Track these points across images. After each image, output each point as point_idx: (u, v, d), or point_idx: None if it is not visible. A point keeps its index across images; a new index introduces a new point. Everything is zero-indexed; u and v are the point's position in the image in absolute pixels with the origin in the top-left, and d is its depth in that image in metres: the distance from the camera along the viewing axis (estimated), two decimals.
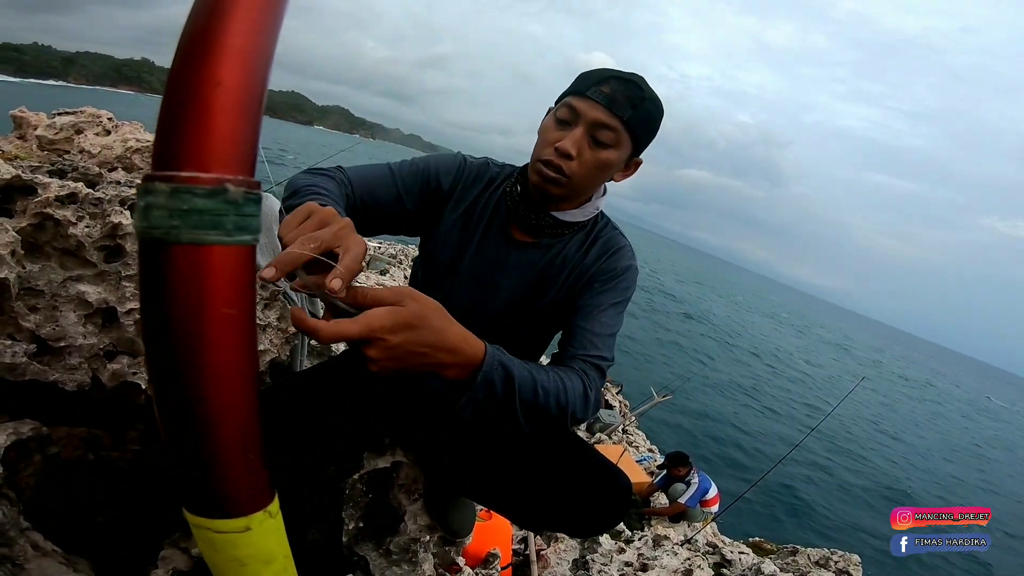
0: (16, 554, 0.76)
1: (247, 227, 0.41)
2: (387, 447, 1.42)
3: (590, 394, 0.98)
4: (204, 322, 0.41)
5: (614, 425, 7.72)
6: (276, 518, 0.51)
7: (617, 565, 2.51)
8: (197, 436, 0.43)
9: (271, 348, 1.54)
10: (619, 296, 1.11)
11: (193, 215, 0.38)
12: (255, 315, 0.44)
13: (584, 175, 1.03)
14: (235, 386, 0.44)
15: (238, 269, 0.42)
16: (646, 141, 1.09)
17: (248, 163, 0.42)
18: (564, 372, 0.97)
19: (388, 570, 1.40)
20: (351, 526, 1.41)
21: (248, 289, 0.44)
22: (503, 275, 1.15)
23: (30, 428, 0.91)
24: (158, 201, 0.38)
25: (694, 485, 5.59)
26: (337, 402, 1.12)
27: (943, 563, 9.99)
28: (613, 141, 1.01)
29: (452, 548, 1.57)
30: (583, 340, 1.05)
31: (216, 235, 0.39)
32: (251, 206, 0.41)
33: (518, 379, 0.85)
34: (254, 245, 0.43)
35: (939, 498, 14.84)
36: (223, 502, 0.47)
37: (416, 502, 1.47)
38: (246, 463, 0.46)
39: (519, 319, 1.17)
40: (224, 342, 0.42)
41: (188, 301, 0.40)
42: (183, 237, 0.38)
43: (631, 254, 1.17)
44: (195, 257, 0.39)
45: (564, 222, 1.12)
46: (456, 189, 1.18)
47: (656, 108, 1.04)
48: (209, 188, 0.38)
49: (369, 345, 0.65)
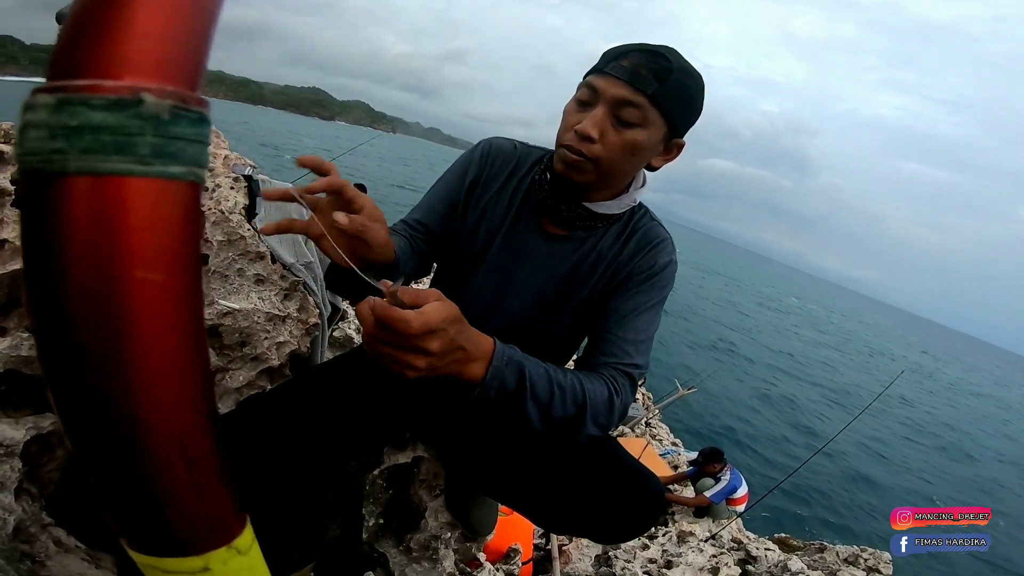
0: (37, 551, 0.76)
1: (179, 154, 0.30)
2: (408, 442, 1.41)
3: (616, 401, 0.93)
4: (108, 293, 0.29)
5: (637, 418, 7.66)
6: (248, 554, 0.41)
7: (641, 562, 2.48)
8: (115, 456, 0.32)
9: (291, 340, 1.53)
10: (656, 296, 1.04)
11: (86, 134, 0.27)
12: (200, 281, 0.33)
13: (610, 159, 0.94)
14: (165, 380, 0.32)
15: (162, 212, 0.30)
16: (684, 118, 0.97)
17: (186, 71, 0.30)
18: (586, 376, 0.93)
19: (408, 567, 1.39)
20: (371, 522, 1.40)
21: (185, 243, 0.32)
22: (531, 269, 1.08)
23: (51, 422, 0.91)
24: (37, 118, 0.28)
25: (723, 481, 5.49)
26: (358, 396, 1.09)
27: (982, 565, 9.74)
28: (639, 119, 0.91)
29: (473, 544, 1.55)
30: (614, 347, 0.99)
31: (122, 162, 0.28)
32: (187, 126, 0.30)
33: (531, 375, 0.82)
34: (195, 183, 0.32)
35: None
36: (169, 538, 0.36)
37: (437, 498, 1.46)
38: (194, 488, 0.35)
39: (546, 318, 1.10)
40: (142, 321, 0.30)
41: (81, 260, 0.28)
42: (69, 165, 0.27)
43: (671, 248, 1.08)
44: (90, 194, 0.28)
45: (598, 214, 1.03)
46: (482, 177, 1.12)
47: (691, 80, 0.93)
48: (112, 98, 0.27)
49: (432, 337, 0.66)
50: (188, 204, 0.31)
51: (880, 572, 4.20)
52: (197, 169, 0.31)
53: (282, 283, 1.53)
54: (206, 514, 0.37)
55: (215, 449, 0.37)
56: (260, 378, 1.43)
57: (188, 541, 0.36)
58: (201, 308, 0.34)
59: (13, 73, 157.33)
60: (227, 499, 0.38)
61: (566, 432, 0.91)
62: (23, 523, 0.77)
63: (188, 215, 0.31)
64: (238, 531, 0.40)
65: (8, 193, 0.89)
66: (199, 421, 0.35)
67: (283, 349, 1.50)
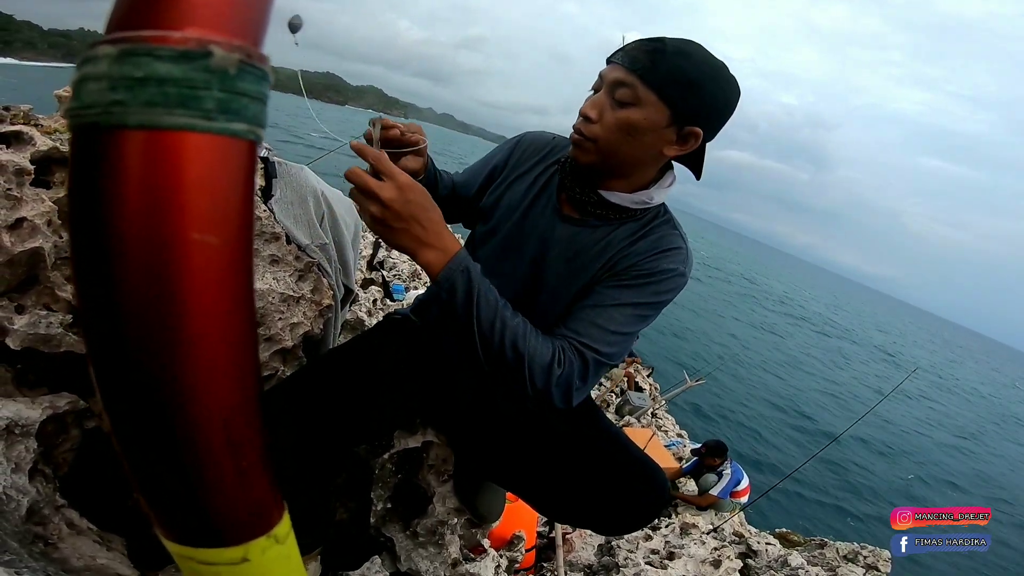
0: (50, 533, 0.76)
1: (242, 111, 0.28)
2: (418, 426, 1.41)
3: (555, 369, 0.91)
4: (161, 255, 0.27)
5: (643, 408, 7.66)
6: (285, 543, 0.39)
7: (643, 552, 2.49)
8: (157, 434, 0.30)
9: (304, 321, 1.53)
10: (646, 298, 1.00)
11: (150, 86, 0.25)
12: (251, 248, 0.31)
13: (607, 137, 0.97)
14: (215, 354, 0.30)
15: (222, 171, 0.28)
16: (689, 104, 0.94)
17: (252, 26, 0.29)
18: (537, 333, 0.93)
19: (414, 552, 1.40)
20: (379, 506, 1.41)
21: (242, 205, 0.30)
22: (541, 246, 1.09)
23: (67, 402, 0.91)
24: (97, 70, 0.26)
25: (726, 476, 5.50)
26: (370, 379, 1.10)
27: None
28: (631, 98, 0.94)
29: (478, 530, 1.56)
30: (579, 325, 0.97)
31: (186, 116, 0.26)
32: (251, 82, 0.28)
33: (480, 291, 0.87)
34: (254, 143, 0.30)
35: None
36: (208, 526, 0.34)
37: (445, 484, 1.46)
38: (236, 474, 0.33)
39: (547, 297, 1.10)
40: (195, 287, 0.28)
41: (135, 219, 0.26)
42: (130, 118, 0.25)
43: (683, 259, 1.04)
44: (150, 148, 0.26)
45: (610, 203, 1.03)
46: (510, 162, 1.19)
47: (689, 62, 0.92)
48: (179, 50, 0.26)
49: (384, 187, 0.79)
50: (247, 164, 0.30)
51: (879, 570, 4.22)
52: (258, 128, 0.30)
53: (297, 264, 1.52)
54: (247, 502, 0.35)
55: (260, 431, 0.35)
56: (273, 359, 1.43)
57: (227, 530, 0.35)
58: (251, 278, 0.32)
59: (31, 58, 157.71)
60: (268, 486, 0.37)
61: (506, 379, 0.92)
62: (37, 505, 0.78)
63: (247, 176, 0.30)
64: (277, 519, 0.38)
65: (27, 172, 0.89)
66: (246, 401, 0.33)
67: (297, 330, 1.49)
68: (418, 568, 1.39)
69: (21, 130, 0.91)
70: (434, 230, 0.84)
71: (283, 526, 0.39)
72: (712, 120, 0.98)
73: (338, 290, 1.70)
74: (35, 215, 0.91)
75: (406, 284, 5.09)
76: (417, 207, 0.81)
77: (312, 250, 1.57)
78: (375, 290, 3.64)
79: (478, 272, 0.88)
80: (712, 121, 0.98)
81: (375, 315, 2.59)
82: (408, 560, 1.40)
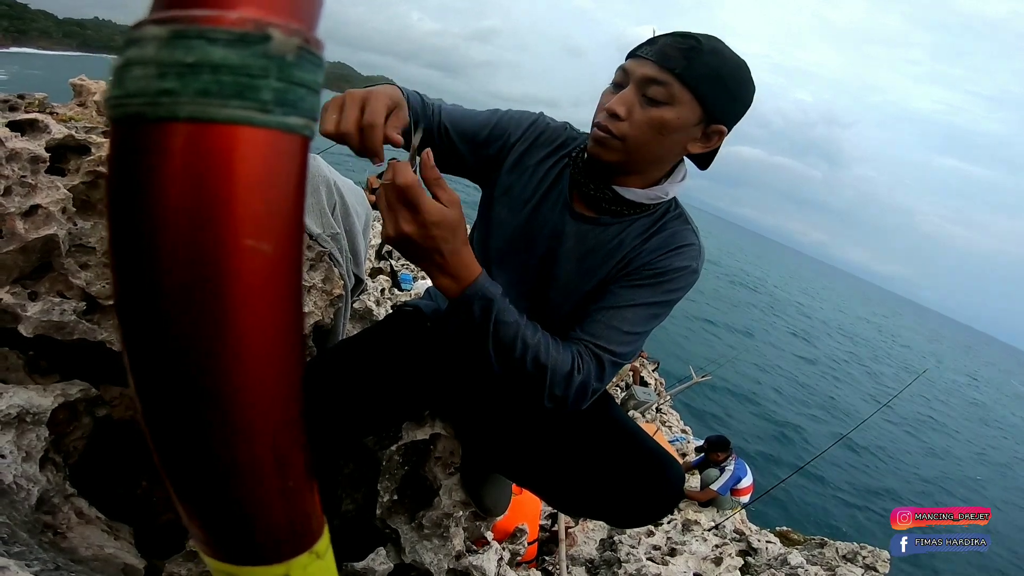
0: (59, 522, 0.76)
1: (299, 104, 0.25)
2: (426, 418, 1.41)
3: (575, 376, 0.92)
4: (213, 264, 0.25)
5: (649, 403, 7.66)
6: (325, 557, 0.38)
7: (645, 548, 2.50)
8: (203, 452, 0.29)
9: (315, 311, 1.53)
10: (659, 297, 1.00)
11: (204, 73, 0.22)
12: (302, 255, 0.29)
13: (636, 136, 0.94)
14: (264, 371, 0.28)
15: (277, 171, 0.25)
16: (722, 102, 0.94)
17: (310, 8, 0.26)
18: (556, 343, 0.93)
19: (419, 544, 1.41)
20: (385, 498, 1.41)
21: (295, 209, 0.27)
22: (552, 244, 1.07)
23: (79, 389, 0.91)
24: (144, 54, 0.23)
25: (728, 472, 5.51)
26: (380, 370, 1.10)
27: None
28: (666, 97, 0.91)
29: (482, 523, 1.56)
30: (596, 328, 0.97)
31: (242, 108, 0.23)
32: (309, 71, 0.25)
33: (498, 317, 0.86)
34: (308, 139, 0.27)
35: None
36: (251, 544, 0.33)
37: (452, 476, 1.46)
38: (282, 492, 0.32)
39: (557, 294, 1.09)
40: (246, 300, 0.26)
41: (183, 224, 0.24)
42: (181, 109, 0.23)
43: (696, 255, 1.04)
44: (202, 144, 0.23)
45: (625, 199, 1.02)
46: (522, 142, 1.12)
47: (722, 61, 0.92)
48: (237, 32, 0.23)
49: (411, 219, 0.75)
50: (301, 163, 0.27)
51: (877, 570, 4.21)
52: (312, 123, 0.27)
53: (308, 253, 1.52)
54: (291, 518, 0.34)
55: (304, 447, 0.33)
56: None
57: (271, 548, 0.34)
58: (301, 285, 0.30)
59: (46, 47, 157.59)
60: (312, 502, 0.36)
61: (524, 390, 0.93)
62: (47, 494, 0.78)
63: (300, 176, 0.27)
64: (319, 534, 0.37)
65: (42, 160, 0.89)
66: (292, 417, 0.31)
67: (307, 320, 1.50)
68: (422, 560, 1.40)
69: (36, 118, 0.90)
70: (456, 262, 0.82)
71: (323, 541, 0.38)
72: (735, 118, 0.98)
73: (348, 280, 1.69)
74: (50, 202, 0.91)
75: (414, 274, 5.09)
76: (443, 242, 0.78)
77: (323, 239, 1.57)
78: (383, 279, 3.63)
79: (497, 295, 0.87)
80: (735, 119, 0.98)
81: (383, 304, 2.59)
82: (412, 552, 1.41)
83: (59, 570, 0.64)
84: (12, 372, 0.91)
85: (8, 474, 0.77)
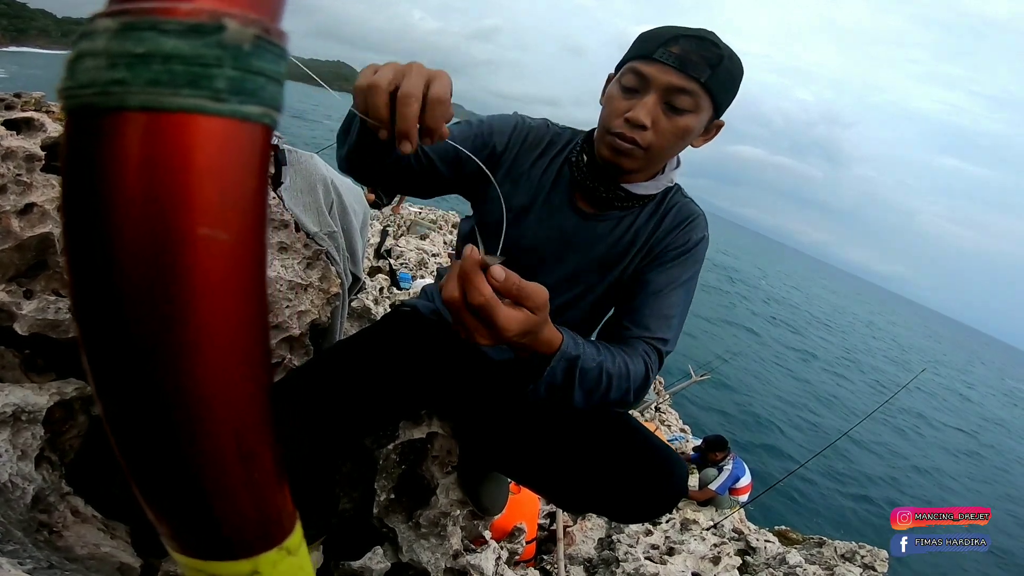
0: (55, 521, 0.76)
1: (258, 92, 0.25)
2: (423, 417, 1.41)
3: (651, 377, 0.96)
4: (166, 252, 0.24)
5: (648, 402, 7.65)
6: (297, 554, 0.37)
7: (643, 547, 2.50)
8: (164, 446, 0.28)
9: (312, 309, 1.53)
10: (689, 271, 1.06)
11: (154, 63, 0.22)
12: (265, 243, 0.29)
13: (662, 145, 0.95)
14: (225, 362, 0.28)
15: (233, 158, 0.25)
16: (727, 102, 0.99)
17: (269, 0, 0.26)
18: (629, 356, 0.94)
19: (416, 543, 1.41)
20: (382, 497, 1.41)
21: (255, 197, 0.27)
22: (568, 248, 1.08)
23: (74, 388, 0.91)
24: (95, 46, 0.23)
25: (726, 471, 5.51)
26: (378, 370, 1.09)
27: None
28: (692, 106, 0.92)
29: (480, 522, 1.56)
30: (647, 320, 1.01)
31: (194, 97, 0.23)
32: (268, 60, 0.25)
33: (582, 368, 0.85)
34: (269, 128, 0.27)
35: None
36: (218, 539, 0.32)
37: (449, 475, 1.46)
38: (248, 486, 0.31)
39: (579, 294, 1.11)
40: (204, 289, 0.25)
41: (136, 212, 0.23)
42: (131, 99, 0.23)
43: (704, 224, 1.10)
44: (152, 133, 0.23)
45: (636, 195, 1.04)
46: (510, 150, 1.10)
47: (736, 65, 0.94)
48: (188, 23, 0.23)
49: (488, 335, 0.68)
50: (261, 151, 0.26)
51: (875, 570, 4.21)
52: (273, 112, 0.26)
53: (305, 252, 1.52)
54: (258, 513, 0.33)
55: (272, 440, 0.33)
56: (280, 347, 1.43)
57: (237, 542, 0.33)
58: (264, 277, 0.29)
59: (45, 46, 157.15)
60: (281, 496, 0.35)
61: (602, 406, 0.94)
62: (42, 492, 0.78)
63: (260, 164, 0.27)
64: (289, 530, 0.36)
65: (37, 158, 0.88)
66: (258, 409, 0.31)
67: (304, 318, 1.49)
68: (419, 559, 1.40)
69: (32, 116, 0.90)
70: (543, 339, 0.79)
71: (295, 537, 0.37)
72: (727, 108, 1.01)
73: (346, 278, 1.69)
74: (45, 201, 0.91)
75: (413, 273, 5.08)
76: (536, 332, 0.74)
77: (321, 238, 1.57)
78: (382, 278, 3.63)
79: (577, 348, 0.85)
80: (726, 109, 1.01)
81: (382, 303, 2.59)
82: (410, 551, 1.40)
83: (53, 568, 0.64)
84: (8, 370, 0.91)
85: (3, 472, 0.76)
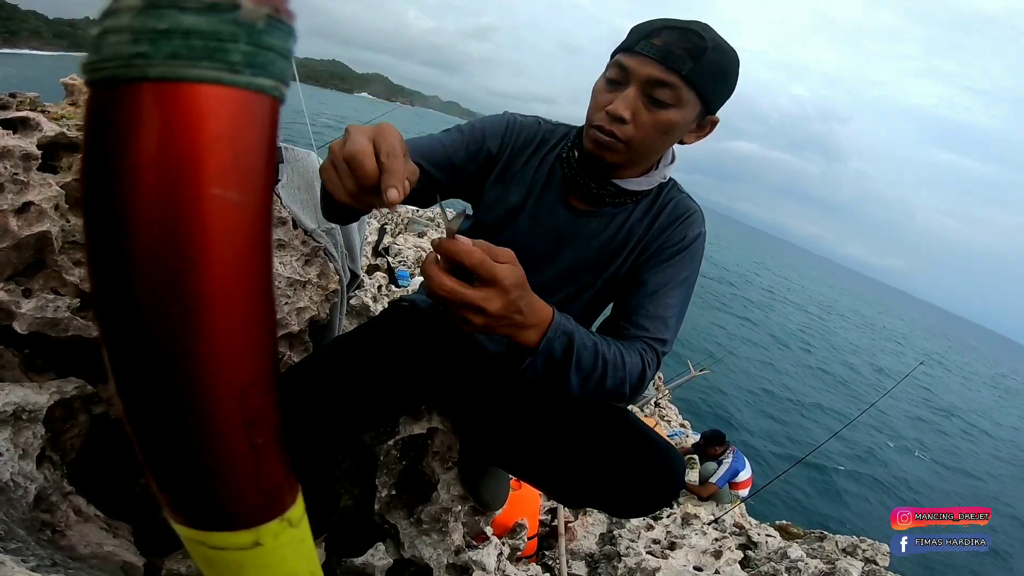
0: (57, 520, 0.76)
1: (269, 67, 0.27)
2: (423, 413, 1.41)
3: (648, 375, 0.95)
4: (180, 210, 0.26)
5: (647, 397, 7.66)
6: (299, 526, 0.37)
7: (645, 542, 2.50)
8: (168, 406, 0.29)
9: (311, 305, 1.53)
10: (687, 269, 1.04)
11: (174, 37, 0.24)
12: (271, 209, 0.31)
13: (642, 139, 0.93)
14: (233, 321, 0.28)
15: (245, 126, 0.27)
16: (719, 96, 0.96)
17: None
18: (626, 349, 0.94)
19: (418, 539, 1.41)
20: (383, 493, 1.41)
21: (265, 162, 0.29)
22: (562, 246, 1.07)
23: (75, 387, 0.91)
24: (119, 23, 0.24)
25: (725, 465, 5.51)
26: (377, 366, 1.09)
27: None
28: (673, 99, 0.89)
29: (482, 518, 1.57)
30: (645, 320, 0.99)
31: (211, 69, 0.25)
32: (278, 37, 0.27)
33: (578, 347, 0.85)
34: (278, 100, 0.29)
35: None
36: (219, 509, 0.33)
37: (450, 471, 1.46)
38: (250, 453, 0.31)
39: (574, 292, 1.11)
40: (214, 245, 0.27)
41: (153, 175, 0.25)
42: (152, 70, 0.24)
43: (701, 220, 1.08)
44: (171, 101, 0.25)
45: (628, 191, 1.02)
46: (504, 151, 1.10)
47: (725, 58, 0.91)
48: (208, 1, 0.25)
49: (491, 297, 0.68)
50: (271, 121, 0.29)
51: (877, 563, 4.22)
52: (283, 85, 0.29)
53: (303, 248, 1.52)
54: (260, 483, 0.33)
55: (275, 409, 0.33)
56: (279, 343, 1.43)
57: (239, 513, 0.33)
58: (271, 239, 0.31)
59: (37, 47, 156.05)
60: (282, 467, 0.35)
61: (599, 398, 0.94)
62: (44, 491, 0.77)
63: (270, 133, 0.29)
64: (291, 502, 0.37)
65: (34, 157, 0.88)
66: (263, 374, 0.31)
67: (303, 315, 1.50)
68: (421, 555, 1.40)
69: (28, 116, 0.90)
70: (531, 312, 0.78)
71: (297, 509, 0.37)
72: (722, 104, 0.99)
73: (344, 275, 1.69)
74: (42, 199, 0.90)
75: (411, 270, 5.08)
76: (520, 300, 0.73)
77: (319, 235, 1.57)
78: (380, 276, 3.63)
79: (571, 325, 0.85)
80: (722, 105, 0.99)
81: (380, 301, 2.59)
82: (412, 547, 1.41)
83: (56, 567, 0.64)
84: (7, 370, 0.91)
85: (5, 472, 0.76)
